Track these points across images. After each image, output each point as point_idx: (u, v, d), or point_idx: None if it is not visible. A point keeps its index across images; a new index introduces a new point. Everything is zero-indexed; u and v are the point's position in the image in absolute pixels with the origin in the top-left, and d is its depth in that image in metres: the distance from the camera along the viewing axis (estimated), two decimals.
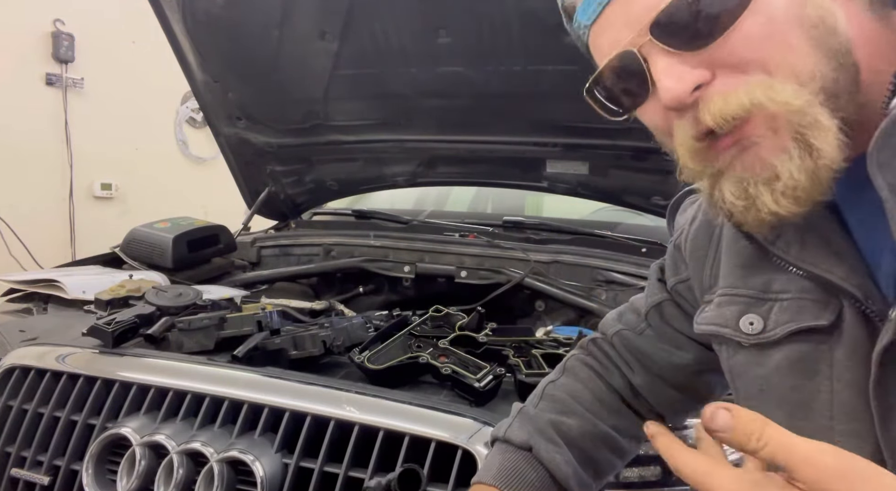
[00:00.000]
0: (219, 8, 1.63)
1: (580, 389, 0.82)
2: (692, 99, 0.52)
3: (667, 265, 0.80)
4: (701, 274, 0.72)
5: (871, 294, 0.54)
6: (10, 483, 1.02)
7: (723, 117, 0.51)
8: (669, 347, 0.79)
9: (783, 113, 0.50)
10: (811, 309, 0.57)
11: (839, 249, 0.56)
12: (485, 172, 2.01)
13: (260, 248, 1.94)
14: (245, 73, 1.81)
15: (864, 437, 0.54)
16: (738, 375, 0.65)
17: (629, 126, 1.60)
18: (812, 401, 0.57)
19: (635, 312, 0.84)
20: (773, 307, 0.61)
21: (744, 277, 0.64)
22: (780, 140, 0.50)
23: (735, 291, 0.64)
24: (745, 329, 0.62)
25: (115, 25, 3.49)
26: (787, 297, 0.60)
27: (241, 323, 1.19)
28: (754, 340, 0.61)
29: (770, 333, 0.60)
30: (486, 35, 1.50)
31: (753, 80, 0.50)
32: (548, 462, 0.73)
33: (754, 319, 0.61)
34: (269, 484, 0.88)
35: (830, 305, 0.56)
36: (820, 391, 0.57)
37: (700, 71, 0.51)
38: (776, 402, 0.61)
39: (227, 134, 1.99)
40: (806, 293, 0.58)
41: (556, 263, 1.62)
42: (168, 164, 3.88)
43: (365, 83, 1.74)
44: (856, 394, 0.54)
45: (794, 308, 0.59)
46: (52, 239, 3.35)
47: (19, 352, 1.12)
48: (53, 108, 3.37)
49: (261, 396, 0.96)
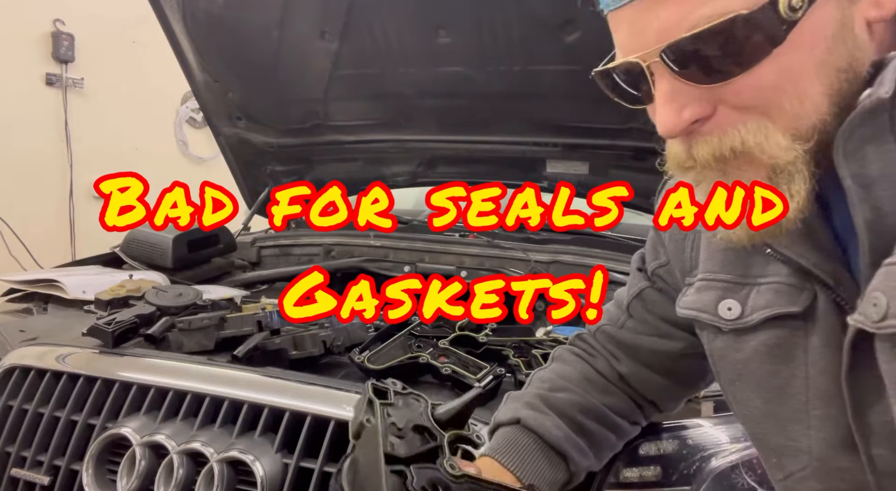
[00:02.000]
0: (219, 8, 1.63)
1: (568, 371, 0.83)
2: (687, 131, 0.52)
3: (647, 250, 0.81)
4: (681, 256, 0.73)
5: (842, 281, 0.55)
6: (10, 483, 1.02)
7: (715, 154, 0.52)
8: (653, 336, 0.79)
9: (769, 165, 0.51)
10: (787, 294, 0.58)
11: (817, 235, 0.56)
12: (485, 172, 2.01)
13: (260, 248, 1.94)
14: (245, 73, 1.81)
15: (837, 421, 0.55)
16: (718, 360, 0.66)
17: (629, 126, 1.61)
18: (788, 386, 0.58)
19: (617, 305, 0.84)
20: (751, 292, 0.61)
21: (723, 262, 0.65)
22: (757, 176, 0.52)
23: (714, 276, 0.65)
24: (723, 314, 0.63)
25: (115, 25, 3.49)
26: (765, 281, 0.60)
27: (241, 323, 1.19)
28: (732, 326, 0.62)
29: (747, 318, 0.61)
30: (486, 35, 1.50)
31: (751, 123, 0.50)
32: (537, 428, 0.74)
33: (732, 305, 0.62)
34: (269, 484, 0.88)
35: (805, 291, 0.57)
36: (796, 376, 0.58)
37: (701, 105, 0.51)
38: (754, 386, 0.62)
39: (227, 134, 1.99)
40: (782, 278, 0.59)
41: (556, 263, 1.62)
42: (168, 164, 3.88)
43: (365, 83, 1.74)
44: (830, 380, 0.55)
45: (771, 293, 0.59)
46: (52, 239, 3.35)
47: (19, 352, 1.12)
48: (53, 108, 3.37)
49: (261, 396, 0.96)
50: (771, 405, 0.60)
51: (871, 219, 0.48)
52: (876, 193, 0.48)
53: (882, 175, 0.48)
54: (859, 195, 0.49)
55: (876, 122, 0.48)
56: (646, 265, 0.81)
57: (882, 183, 0.48)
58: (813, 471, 0.58)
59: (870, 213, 0.48)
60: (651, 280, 0.79)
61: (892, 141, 0.47)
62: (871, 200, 0.48)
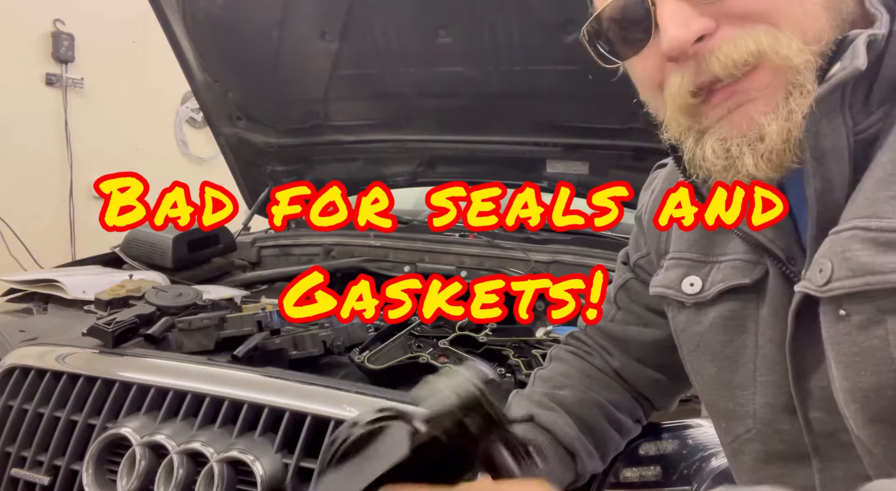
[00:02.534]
0: (219, 8, 1.63)
1: (568, 369, 0.85)
2: (693, 49, 0.51)
3: (630, 244, 0.84)
4: (657, 242, 0.76)
5: (794, 255, 0.57)
6: (10, 483, 1.02)
7: (734, 63, 0.50)
8: (640, 326, 0.81)
9: (783, 68, 0.50)
10: (741, 269, 0.61)
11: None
12: (485, 172, 2.01)
13: (260, 248, 1.94)
14: (245, 73, 1.81)
15: (781, 387, 0.58)
16: (680, 333, 0.69)
17: (629, 126, 1.61)
18: (739, 355, 0.62)
19: (607, 300, 0.86)
20: (712, 269, 0.65)
21: (689, 241, 0.68)
22: (774, 97, 0.51)
23: (681, 255, 0.68)
24: (686, 290, 0.66)
25: (115, 25, 3.49)
26: (725, 259, 0.64)
27: (241, 323, 1.19)
28: (693, 300, 0.65)
29: (706, 292, 0.64)
30: (486, 35, 1.50)
31: (759, 29, 0.49)
32: (550, 425, 0.75)
33: (694, 280, 0.66)
34: (269, 484, 0.88)
35: (759, 266, 0.60)
36: (746, 346, 0.61)
37: (706, 20, 0.50)
38: (710, 357, 0.65)
39: (227, 134, 1.99)
40: (740, 255, 0.62)
41: (556, 263, 1.62)
42: (168, 164, 3.87)
43: (365, 83, 1.74)
44: (776, 348, 0.58)
45: (728, 269, 0.63)
46: (52, 239, 3.35)
47: (19, 352, 1.12)
48: (53, 108, 3.37)
49: (261, 396, 0.96)
50: (723, 373, 0.64)
51: (822, 190, 0.51)
52: (827, 166, 0.50)
53: (833, 149, 0.50)
54: (813, 168, 0.51)
55: (830, 98, 0.49)
56: (629, 258, 0.84)
57: (833, 156, 0.50)
58: (756, 433, 0.62)
59: (820, 184, 0.51)
60: (634, 272, 0.82)
61: (840, 116, 0.49)
62: (823, 172, 0.50)
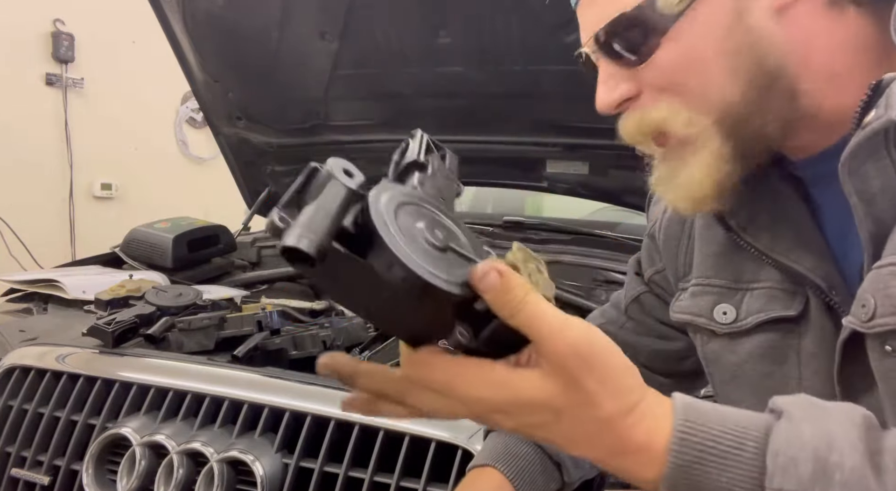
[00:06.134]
0: (219, 8, 1.63)
1: None
2: (621, 109, 0.59)
3: (643, 257, 0.82)
4: (675, 263, 0.74)
5: (835, 285, 0.57)
6: (10, 483, 1.02)
7: (637, 131, 0.59)
8: (652, 337, 0.80)
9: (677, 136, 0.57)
10: (781, 299, 0.60)
11: (808, 239, 0.58)
12: (485, 172, 2.00)
13: (260, 248, 1.94)
14: (245, 73, 1.81)
15: None
16: (711, 362, 0.68)
17: None
18: (782, 387, 0.60)
19: (616, 307, 0.85)
20: (745, 297, 0.63)
21: (716, 267, 0.66)
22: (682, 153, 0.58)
23: (708, 281, 0.67)
24: (718, 319, 0.64)
25: (115, 25, 3.48)
26: (758, 286, 0.62)
27: (241, 323, 1.19)
28: (727, 329, 0.64)
29: (742, 322, 0.62)
30: (486, 35, 1.50)
31: (663, 102, 0.57)
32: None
33: (727, 309, 0.64)
34: (269, 484, 0.88)
35: (798, 295, 0.59)
36: (789, 377, 0.60)
37: (628, 86, 0.58)
38: (749, 388, 0.63)
39: (227, 134, 1.98)
40: (775, 283, 0.61)
41: (556, 263, 1.62)
42: (168, 164, 3.87)
43: (365, 83, 1.74)
44: (822, 381, 0.57)
45: (765, 298, 0.61)
46: (52, 239, 3.35)
47: (19, 352, 1.12)
48: (53, 108, 3.36)
49: (261, 396, 0.96)
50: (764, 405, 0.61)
51: (874, 231, 0.51)
52: (878, 206, 0.51)
53: (882, 190, 0.50)
54: (864, 210, 0.51)
55: (873, 141, 0.50)
56: (642, 271, 0.82)
57: (883, 197, 0.50)
58: None
59: (873, 225, 0.51)
60: (648, 286, 0.81)
61: (886, 157, 0.50)
62: (876, 213, 0.51)
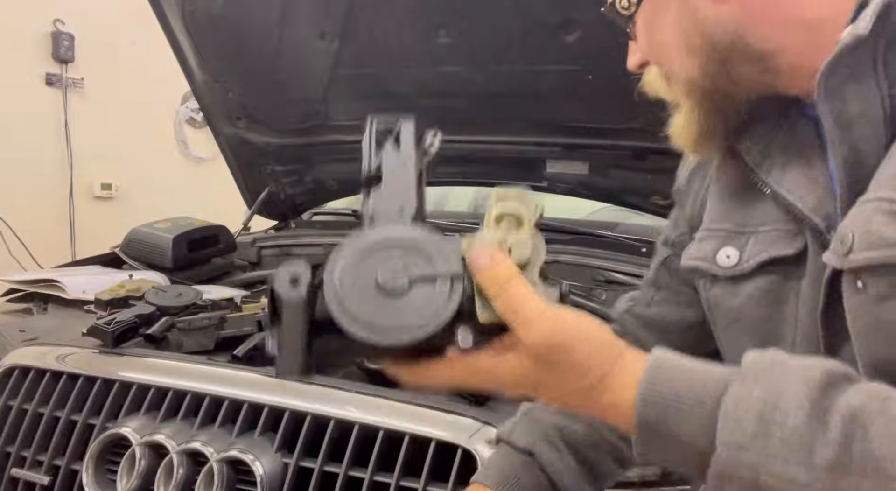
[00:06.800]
0: (219, 8, 1.63)
1: None
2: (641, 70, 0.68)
3: (668, 225, 0.82)
4: (693, 218, 0.74)
5: (834, 225, 0.54)
6: (10, 483, 1.02)
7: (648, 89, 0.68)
8: (681, 305, 0.78)
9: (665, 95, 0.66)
10: (783, 239, 0.59)
11: (817, 177, 0.57)
12: (485, 172, 2.00)
13: (260, 248, 1.94)
14: (245, 73, 1.81)
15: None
16: (714, 307, 0.67)
17: (629, 126, 1.61)
18: (779, 329, 0.60)
19: (646, 284, 0.83)
20: (750, 239, 0.62)
21: (724, 212, 0.66)
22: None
23: (716, 226, 0.67)
24: (721, 262, 0.64)
25: (115, 25, 3.48)
26: (764, 229, 0.62)
27: (241, 323, 1.19)
28: (730, 272, 0.63)
29: (744, 264, 0.62)
30: (486, 35, 1.50)
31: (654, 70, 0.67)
32: (548, 469, 0.72)
33: (731, 252, 0.64)
34: (269, 484, 0.88)
35: (799, 236, 0.58)
36: (786, 320, 0.59)
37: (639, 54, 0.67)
38: (749, 331, 0.63)
39: (227, 134, 1.98)
40: (779, 224, 0.60)
41: (556, 262, 1.62)
42: (168, 164, 3.87)
43: (365, 83, 1.74)
44: (814, 322, 0.56)
45: (768, 239, 0.61)
46: (52, 239, 3.35)
47: (19, 352, 1.12)
48: (53, 108, 3.37)
49: (261, 396, 0.96)
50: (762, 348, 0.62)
51: (851, 159, 0.49)
52: (855, 132, 0.49)
53: (861, 114, 0.48)
54: (839, 135, 0.49)
55: (855, 61, 0.48)
56: (668, 238, 0.81)
57: (861, 122, 0.48)
58: None
59: (848, 152, 0.49)
60: (673, 249, 0.79)
61: (871, 79, 0.48)
62: (851, 140, 0.49)
